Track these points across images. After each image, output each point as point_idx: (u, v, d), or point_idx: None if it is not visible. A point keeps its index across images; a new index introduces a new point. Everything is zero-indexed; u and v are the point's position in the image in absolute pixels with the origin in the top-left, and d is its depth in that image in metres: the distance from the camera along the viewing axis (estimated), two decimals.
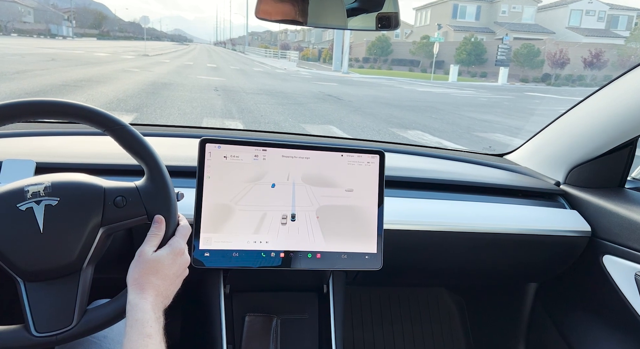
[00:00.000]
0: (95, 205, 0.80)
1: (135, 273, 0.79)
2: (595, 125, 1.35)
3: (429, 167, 1.53)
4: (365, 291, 1.96)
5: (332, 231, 1.07)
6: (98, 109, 0.83)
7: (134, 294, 0.76)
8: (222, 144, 1.02)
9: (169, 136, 1.51)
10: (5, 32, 70.99)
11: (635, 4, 74.38)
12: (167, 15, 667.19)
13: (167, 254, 0.81)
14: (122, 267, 0.82)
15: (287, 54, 50.07)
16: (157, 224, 0.83)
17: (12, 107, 0.78)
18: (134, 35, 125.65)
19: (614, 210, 1.30)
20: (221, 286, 1.17)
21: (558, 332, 1.51)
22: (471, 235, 1.29)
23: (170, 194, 0.85)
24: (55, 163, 1.06)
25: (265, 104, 10.77)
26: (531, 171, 1.59)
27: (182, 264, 0.85)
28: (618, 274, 1.28)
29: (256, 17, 0.98)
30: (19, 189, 0.78)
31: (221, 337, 1.14)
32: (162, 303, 0.79)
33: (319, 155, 1.07)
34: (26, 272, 0.76)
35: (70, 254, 0.78)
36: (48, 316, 0.77)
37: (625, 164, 1.44)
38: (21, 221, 0.76)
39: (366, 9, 1.02)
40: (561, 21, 44.70)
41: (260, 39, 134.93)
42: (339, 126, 8.50)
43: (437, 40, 33.45)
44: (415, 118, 10.58)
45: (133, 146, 0.84)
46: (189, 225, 0.89)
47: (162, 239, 0.83)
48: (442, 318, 1.97)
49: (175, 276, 0.83)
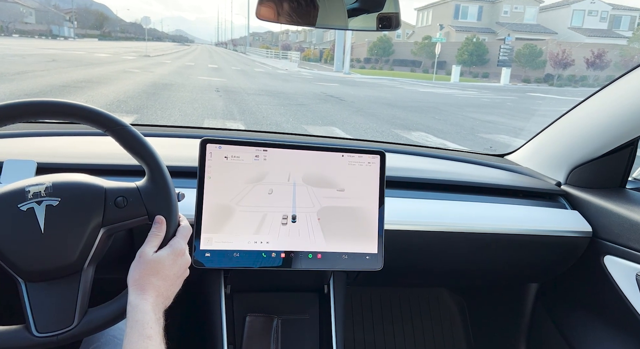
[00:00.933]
0: (96, 205, 0.80)
1: (136, 273, 0.79)
2: (596, 125, 1.35)
3: (429, 167, 1.53)
4: (366, 291, 1.96)
5: (332, 232, 1.07)
6: (98, 109, 0.83)
7: (134, 295, 0.76)
8: (223, 145, 1.02)
9: (170, 136, 1.51)
10: (6, 33, 71.13)
11: (638, 4, 74.27)
12: (169, 16, 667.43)
13: (167, 255, 0.82)
14: (122, 267, 0.82)
15: (288, 55, 50.47)
16: (158, 224, 0.83)
17: (13, 107, 0.78)
18: (135, 35, 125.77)
19: (615, 210, 1.30)
20: (222, 287, 1.17)
21: (559, 332, 1.51)
22: (472, 235, 1.29)
23: (171, 195, 0.85)
24: (56, 163, 1.07)
25: (266, 105, 10.77)
26: (532, 171, 1.58)
27: (183, 264, 0.85)
28: (619, 274, 1.28)
29: (257, 17, 0.98)
30: (20, 189, 0.78)
31: (222, 337, 1.14)
32: (163, 303, 0.79)
33: (319, 155, 1.07)
34: (27, 272, 0.77)
35: (71, 255, 0.78)
36: (49, 316, 0.77)
37: (626, 165, 1.44)
38: (22, 221, 0.76)
39: (367, 9, 1.02)
40: (563, 21, 44.60)
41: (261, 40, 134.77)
42: (341, 127, 8.49)
43: (438, 40, 33.48)
44: (418, 119, 10.57)
45: (134, 146, 0.84)
46: (189, 225, 0.89)
47: (162, 239, 0.83)
48: (442, 318, 1.97)
49: (176, 276, 0.83)
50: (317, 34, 75.95)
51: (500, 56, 31.78)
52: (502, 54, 31.57)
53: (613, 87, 1.30)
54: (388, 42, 45.77)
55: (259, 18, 0.98)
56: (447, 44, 41.34)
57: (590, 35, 41.14)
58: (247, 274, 1.20)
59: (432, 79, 30.08)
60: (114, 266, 0.94)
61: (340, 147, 1.09)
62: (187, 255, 0.86)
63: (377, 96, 15.79)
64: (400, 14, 1.03)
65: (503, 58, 31.58)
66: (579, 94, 19.52)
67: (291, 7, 0.96)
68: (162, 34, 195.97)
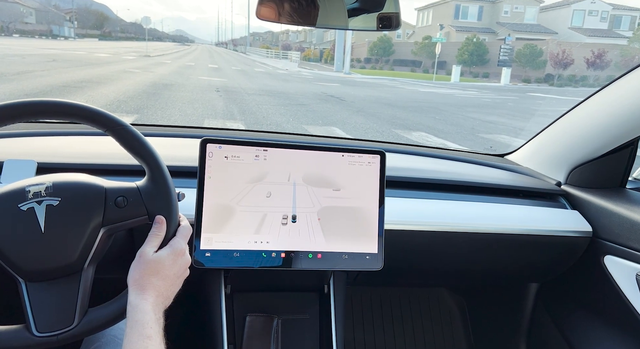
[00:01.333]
0: (97, 205, 0.80)
1: (136, 273, 0.79)
2: (596, 125, 1.35)
3: (429, 167, 1.53)
4: (366, 291, 1.96)
5: (332, 231, 1.07)
6: (99, 109, 0.83)
7: (134, 295, 0.76)
8: (223, 144, 1.02)
9: (170, 136, 1.51)
10: (7, 33, 71.16)
11: (638, 5, 74.17)
12: (169, 16, 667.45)
13: (167, 255, 0.82)
14: (123, 267, 0.82)
15: (288, 55, 50.38)
16: (158, 224, 0.83)
17: (14, 107, 0.78)
18: (135, 35, 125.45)
19: (615, 210, 1.30)
20: (222, 286, 1.17)
21: (559, 332, 1.51)
22: (472, 235, 1.29)
23: (171, 195, 0.85)
24: (56, 163, 1.07)
25: (267, 105, 10.77)
26: (532, 171, 1.58)
27: (183, 264, 0.85)
28: (619, 274, 1.28)
29: (257, 17, 0.98)
30: (20, 189, 0.78)
31: (222, 337, 1.14)
32: (163, 303, 0.79)
33: (319, 155, 1.07)
34: (27, 272, 0.77)
35: (72, 255, 0.78)
36: (49, 316, 0.77)
37: (627, 165, 1.44)
38: (22, 221, 0.76)
39: (367, 9, 1.03)
40: (564, 21, 44.59)
41: (261, 40, 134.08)
42: (341, 128, 8.49)
43: (439, 40, 33.48)
44: (419, 119, 10.56)
45: (134, 146, 0.84)
46: (189, 226, 0.89)
47: (162, 239, 0.83)
48: (443, 318, 1.97)
49: (175, 276, 0.83)
50: (317, 34, 75.89)
51: (500, 56, 31.76)
52: (503, 54, 31.56)
53: (613, 87, 1.30)
54: (388, 42, 45.74)
55: (259, 18, 0.98)
56: (448, 44, 41.25)
57: (590, 36, 41.14)
58: (247, 274, 1.20)
59: (432, 79, 30.06)
60: (114, 265, 0.94)
61: (341, 147, 1.09)
62: (187, 255, 0.86)
63: (377, 96, 15.78)
64: (401, 14, 1.03)
65: (503, 58, 31.58)
66: (579, 94, 19.45)
67: (291, 7, 0.96)
68: (162, 34, 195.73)
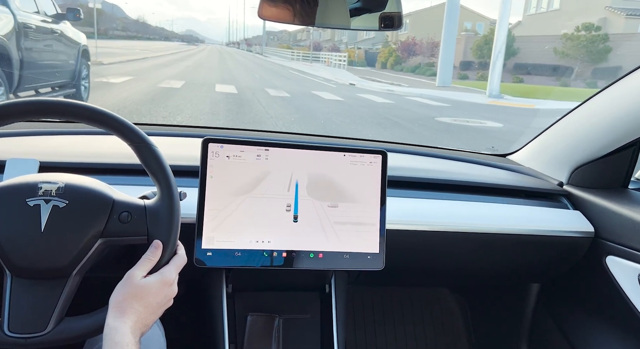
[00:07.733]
0: (101, 215, 0.80)
1: (120, 295, 0.77)
2: (598, 125, 1.35)
3: (431, 167, 1.53)
4: (368, 290, 1.96)
5: (334, 231, 1.07)
6: (127, 121, 0.83)
7: (113, 317, 0.75)
8: (225, 144, 1.02)
9: (172, 135, 1.51)
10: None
11: None
12: (180, 17, 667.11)
13: (155, 283, 0.80)
14: (118, 266, 0.82)
15: (320, 57, 37.75)
16: (154, 249, 0.82)
17: (51, 104, 0.80)
18: (137, 34, 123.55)
19: (617, 211, 1.29)
20: (223, 286, 1.17)
21: (561, 333, 1.51)
22: (474, 235, 1.29)
23: (175, 222, 0.84)
24: (58, 162, 1.07)
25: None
26: (534, 172, 1.58)
27: (169, 294, 0.83)
28: (621, 275, 1.27)
29: (259, 17, 0.98)
30: (33, 184, 0.79)
31: (223, 336, 1.14)
32: (140, 329, 0.77)
33: (321, 155, 1.07)
34: (16, 267, 0.77)
35: (64, 259, 0.78)
36: (25, 316, 0.77)
37: (629, 165, 1.43)
38: (25, 216, 0.77)
39: (369, 8, 1.02)
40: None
41: (276, 39, 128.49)
42: None
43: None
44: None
45: (151, 165, 0.83)
46: (185, 256, 0.88)
47: (155, 265, 0.82)
48: (444, 318, 1.97)
49: (158, 305, 0.81)
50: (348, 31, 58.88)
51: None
52: None
53: (616, 86, 1.30)
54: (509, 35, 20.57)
55: (261, 17, 0.98)
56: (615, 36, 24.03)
57: None
58: (248, 274, 1.20)
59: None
60: (109, 264, 0.93)
61: (342, 147, 1.09)
62: (175, 286, 0.84)
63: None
64: (403, 14, 1.03)
65: None
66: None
67: (293, 6, 0.96)
68: (170, 33, 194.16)
